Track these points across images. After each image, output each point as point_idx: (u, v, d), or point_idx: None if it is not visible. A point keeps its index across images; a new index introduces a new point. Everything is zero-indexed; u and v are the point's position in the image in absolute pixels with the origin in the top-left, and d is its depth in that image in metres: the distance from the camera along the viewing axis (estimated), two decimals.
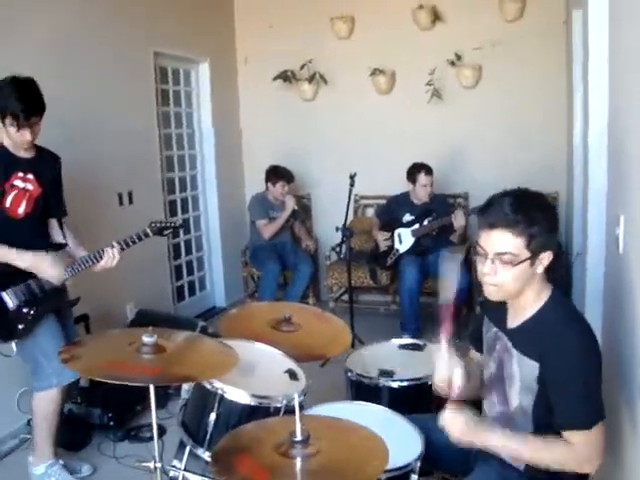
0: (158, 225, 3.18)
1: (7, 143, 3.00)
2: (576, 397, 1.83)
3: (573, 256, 4.84)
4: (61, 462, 3.29)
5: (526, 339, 1.96)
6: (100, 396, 3.81)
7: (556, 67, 5.47)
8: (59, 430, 3.35)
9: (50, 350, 3.04)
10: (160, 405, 4.08)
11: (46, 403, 3.15)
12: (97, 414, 3.81)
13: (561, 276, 5.00)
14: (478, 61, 5.71)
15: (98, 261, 3.13)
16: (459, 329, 4.95)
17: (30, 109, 2.88)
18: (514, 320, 2.02)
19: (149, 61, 5.18)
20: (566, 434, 1.85)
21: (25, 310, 3.00)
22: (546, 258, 1.90)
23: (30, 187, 3.08)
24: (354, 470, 1.70)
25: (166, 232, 3.23)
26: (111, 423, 3.80)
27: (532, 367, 1.92)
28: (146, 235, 3.16)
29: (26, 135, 2.92)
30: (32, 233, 3.12)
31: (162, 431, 3.77)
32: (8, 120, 2.87)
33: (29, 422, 3.48)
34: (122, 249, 3.15)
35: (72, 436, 3.67)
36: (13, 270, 2.98)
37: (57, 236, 3.26)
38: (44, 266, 3.03)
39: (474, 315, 2.25)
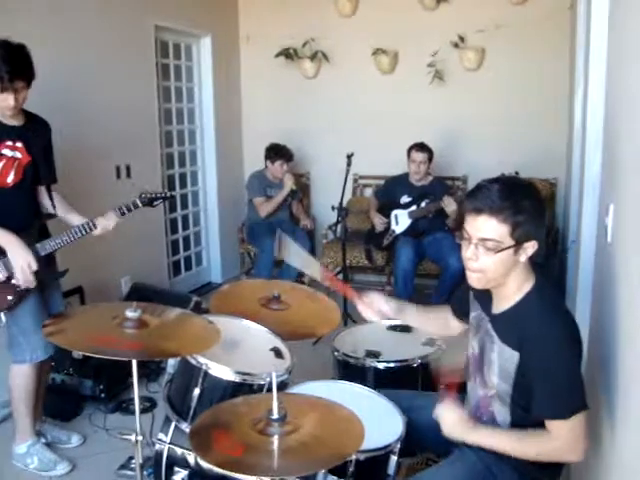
0: (148, 196, 3.17)
1: None
2: (554, 387, 1.84)
3: (568, 244, 4.84)
4: (43, 441, 3.32)
5: (507, 327, 1.97)
6: (92, 368, 3.84)
7: (560, 52, 5.43)
8: (40, 407, 3.40)
9: (27, 326, 3.07)
10: (152, 378, 4.13)
11: (20, 378, 3.16)
12: (89, 385, 3.84)
13: (554, 264, 5.01)
14: (481, 44, 5.68)
15: (91, 231, 3.10)
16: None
17: (15, 71, 2.80)
18: (498, 306, 2.03)
19: (150, 35, 5.16)
20: (547, 424, 1.87)
21: (14, 281, 2.98)
22: (530, 247, 1.89)
23: (19, 155, 3.03)
24: (329, 449, 1.72)
25: (156, 203, 3.22)
26: (102, 395, 3.83)
27: (511, 356, 1.93)
28: (135, 206, 3.15)
29: (9, 100, 2.84)
30: (21, 202, 3.08)
31: (153, 404, 3.83)
32: None
33: None
34: (120, 215, 3.14)
35: (63, 406, 3.72)
36: None
37: (48, 205, 3.23)
38: (11, 249, 2.95)
39: (462, 287, 2.26)
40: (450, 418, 2.03)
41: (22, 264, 2.93)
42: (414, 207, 5.29)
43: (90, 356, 3.70)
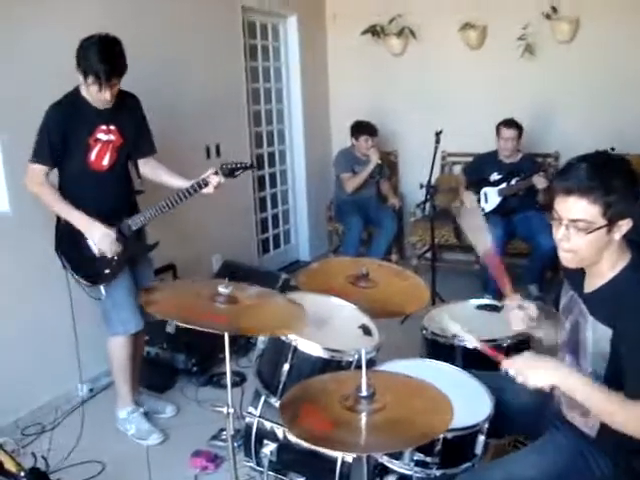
0: (229, 167, 3.20)
1: (87, 95, 3.05)
2: None
3: None
4: (141, 410, 3.47)
5: (601, 304, 1.91)
6: (184, 342, 3.97)
7: None
8: (137, 378, 3.56)
9: (119, 300, 3.22)
10: (242, 354, 4.23)
11: (117, 348, 3.33)
12: (181, 359, 3.97)
13: None
14: (575, 13, 5.46)
15: (201, 189, 3.16)
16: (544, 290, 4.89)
17: (112, 71, 2.93)
18: (590, 285, 1.97)
19: (237, 15, 5.21)
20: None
21: (110, 255, 3.13)
22: (625, 225, 1.82)
23: (112, 138, 3.16)
24: (417, 427, 1.72)
25: (237, 173, 3.24)
26: (194, 369, 3.96)
27: (605, 333, 1.87)
28: (224, 173, 3.18)
29: (106, 95, 2.98)
30: (114, 184, 3.22)
31: (243, 378, 3.92)
32: (90, 79, 2.92)
33: None
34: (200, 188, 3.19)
35: (158, 379, 3.86)
36: (96, 218, 3.10)
37: (136, 181, 3.36)
38: (95, 236, 3.09)
39: (558, 278, 2.20)
40: (538, 363, 1.87)
41: (99, 238, 3.08)
42: (504, 185, 5.19)
43: (182, 331, 3.91)
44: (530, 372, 1.85)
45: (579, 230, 1.82)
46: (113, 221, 3.14)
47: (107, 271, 3.16)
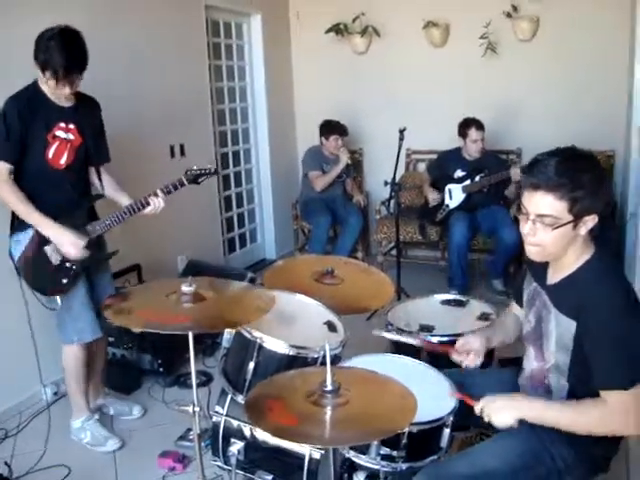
0: (193, 173, 3.17)
1: (46, 90, 2.96)
2: (612, 356, 1.81)
3: (627, 217, 4.74)
4: (96, 417, 3.42)
5: (564, 296, 1.94)
6: (150, 343, 3.93)
7: (619, 20, 5.27)
8: (101, 381, 3.55)
9: (75, 309, 3.14)
10: (208, 353, 4.22)
11: (70, 358, 3.25)
12: (147, 360, 3.94)
13: (612, 237, 4.91)
14: (536, 12, 5.54)
15: (143, 208, 3.11)
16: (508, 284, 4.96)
17: (71, 65, 2.84)
18: (554, 277, 2.00)
19: (200, 14, 5.19)
20: (603, 394, 1.83)
21: (68, 265, 3.03)
22: (590, 221, 1.85)
23: (71, 137, 3.05)
24: (381, 421, 1.73)
25: (201, 179, 3.21)
26: (161, 369, 3.93)
27: (569, 325, 1.90)
28: (181, 184, 3.14)
29: (65, 89, 2.89)
30: (72, 184, 3.12)
31: (209, 378, 3.91)
32: (48, 73, 2.83)
33: None
34: (166, 194, 3.14)
35: (124, 380, 3.82)
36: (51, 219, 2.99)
37: (97, 185, 3.28)
38: (64, 243, 2.99)
39: (522, 272, 2.24)
40: (497, 404, 1.96)
41: (69, 245, 2.99)
42: (468, 181, 5.24)
43: (148, 332, 3.86)
44: (495, 416, 1.95)
45: (545, 225, 1.85)
46: (67, 223, 3.02)
47: (65, 281, 3.05)
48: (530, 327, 2.13)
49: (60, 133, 3.02)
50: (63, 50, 2.81)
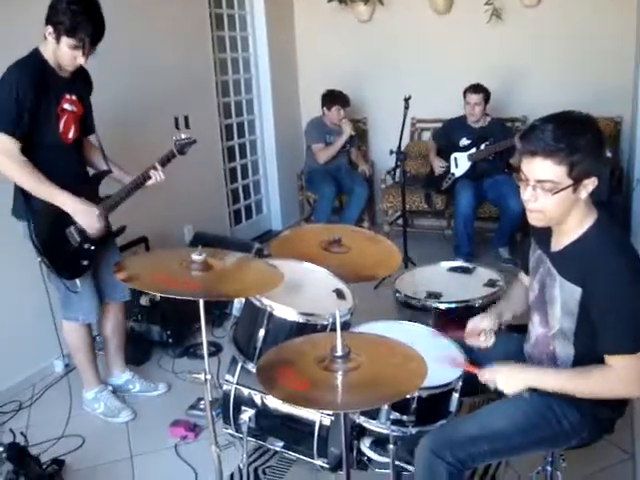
0: (181, 142, 3.06)
1: (48, 57, 2.80)
2: (619, 322, 1.82)
3: (633, 183, 4.72)
4: (110, 388, 3.44)
5: (569, 263, 1.95)
6: (159, 314, 3.97)
7: None
8: (122, 354, 3.54)
9: (85, 289, 3.11)
10: (217, 324, 4.24)
11: (75, 334, 3.25)
12: (157, 331, 3.98)
13: (619, 204, 4.90)
14: None
15: (145, 182, 3.07)
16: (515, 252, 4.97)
17: (99, 35, 2.72)
18: (557, 243, 2.01)
19: None
20: (609, 359, 1.85)
21: (86, 246, 3.01)
22: (590, 184, 1.85)
23: (75, 109, 2.96)
24: (392, 384, 1.75)
25: (185, 149, 3.09)
26: (170, 340, 3.97)
27: (574, 291, 1.91)
28: (173, 155, 3.07)
29: (81, 59, 2.75)
30: (78, 158, 3.08)
31: (218, 348, 3.94)
32: (71, 40, 2.68)
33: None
34: (163, 166, 3.08)
35: (133, 351, 3.84)
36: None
37: (99, 161, 3.19)
38: (92, 221, 2.95)
39: (528, 240, 2.24)
40: (502, 372, 1.99)
41: (91, 220, 2.95)
42: (473, 149, 5.22)
43: (156, 303, 3.90)
44: (502, 384, 1.97)
45: (545, 191, 1.85)
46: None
47: (85, 262, 3.03)
48: (534, 294, 2.14)
49: (67, 106, 2.92)
50: (92, 17, 2.68)
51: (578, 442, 2.04)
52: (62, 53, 2.75)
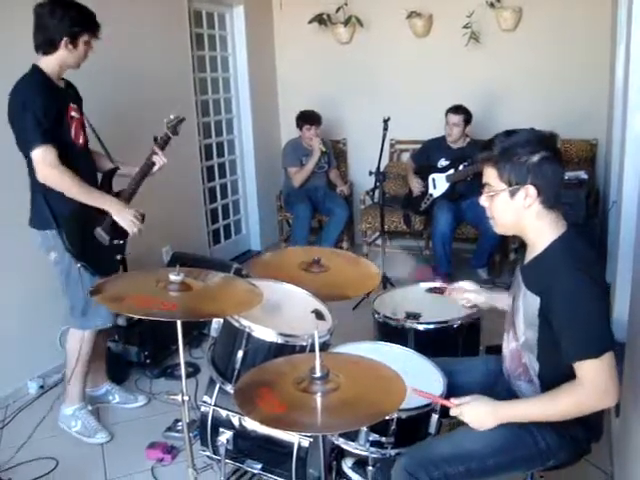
0: (172, 123, 3.27)
1: (49, 71, 2.95)
2: (579, 327, 1.82)
3: (609, 205, 4.78)
4: (89, 407, 3.39)
5: (532, 275, 1.99)
6: (137, 335, 3.93)
7: (600, 9, 5.32)
8: (104, 370, 3.53)
9: None
10: (195, 345, 4.21)
11: (85, 342, 3.22)
12: (134, 352, 3.94)
13: (595, 225, 4.96)
14: (518, 3, 5.56)
15: (151, 169, 3.22)
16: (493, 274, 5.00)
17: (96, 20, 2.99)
18: (528, 257, 2.05)
19: (183, 4, 5.15)
20: (576, 366, 1.83)
21: (116, 242, 3.14)
22: (524, 192, 1.90)
23: (78, 116, 3.10)
24: (371, 406, 1.74)
25: (178, 128, 3.30)
26: (147, 361, 3.93)
27: (534, 301, 1.93)
28: (169, 137, 3.27)
29: (86, 54, 3.01)
30: (91, 161, 3.21)
31: (196, 369, 3.91)
32: (85, 36, 2.94)
33: None
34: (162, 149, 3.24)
35: (111, 372, 3.79)
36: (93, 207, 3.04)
37: (105, 161, 3.31)
38: (125, 218, 3.09)
39: (507, 261, 2.28)
40: (473, 410, 1.96)
41: (130, 219, 3.09)
42: (452, 170, 5.26)
43: (134, 323, 3.86)
44: (472, 422, 1.96)
45: (488, 196, 1.98)
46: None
47: (119, 257, 3.19)
48: (509, 308, 2.19)
49: (73, 113, 3.06)
50: (83, 11, 2.93)
51: (555, 462, 2.04)
52: (79, 53, 2.98)
